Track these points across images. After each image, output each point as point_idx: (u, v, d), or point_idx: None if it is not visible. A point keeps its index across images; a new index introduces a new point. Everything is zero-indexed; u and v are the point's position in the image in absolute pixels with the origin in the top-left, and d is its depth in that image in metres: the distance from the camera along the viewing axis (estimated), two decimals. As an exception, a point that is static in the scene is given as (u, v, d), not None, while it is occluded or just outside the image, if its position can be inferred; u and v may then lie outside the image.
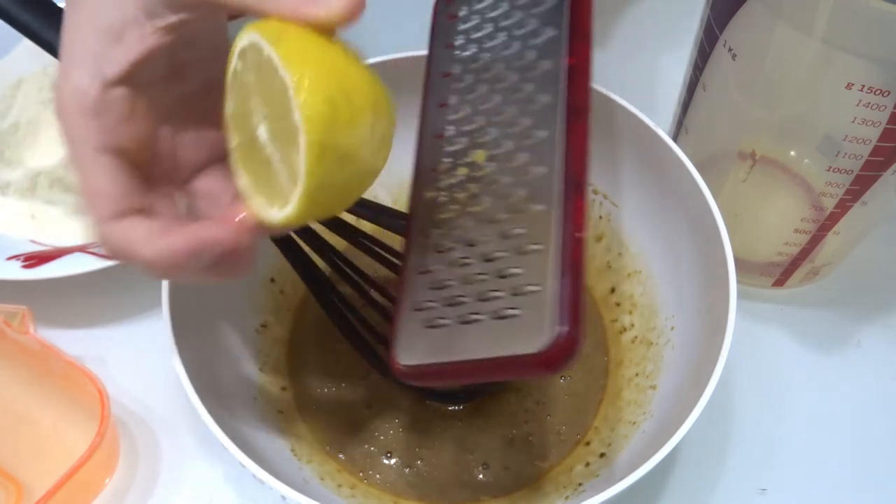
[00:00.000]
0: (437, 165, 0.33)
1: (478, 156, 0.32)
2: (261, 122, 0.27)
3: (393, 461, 0.41)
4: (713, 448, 0.44)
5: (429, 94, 0.35)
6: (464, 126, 0.32)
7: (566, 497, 0.39)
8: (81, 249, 0.47)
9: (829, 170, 0.40)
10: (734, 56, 0.40)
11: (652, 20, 0.62)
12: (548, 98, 0.30)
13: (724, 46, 0.40)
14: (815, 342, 0.48)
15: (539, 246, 0.28)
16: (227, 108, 0.29)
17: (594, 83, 0.41)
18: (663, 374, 0.41)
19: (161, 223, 0.28)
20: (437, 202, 0.32)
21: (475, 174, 0.31)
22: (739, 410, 0.45)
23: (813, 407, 0.46)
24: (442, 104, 0.34)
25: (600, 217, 0.46)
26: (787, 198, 0.46)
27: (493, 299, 0.28)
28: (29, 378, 0.44)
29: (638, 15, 0.63)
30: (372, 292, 0.40)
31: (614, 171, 0.45)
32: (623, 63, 0.59)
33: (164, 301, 0.36)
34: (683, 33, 0.46)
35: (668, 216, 0.42)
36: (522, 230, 0.29)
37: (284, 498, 0.32)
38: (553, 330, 0.26)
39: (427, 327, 0.30)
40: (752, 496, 0.43)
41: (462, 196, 0.31)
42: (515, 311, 0.27)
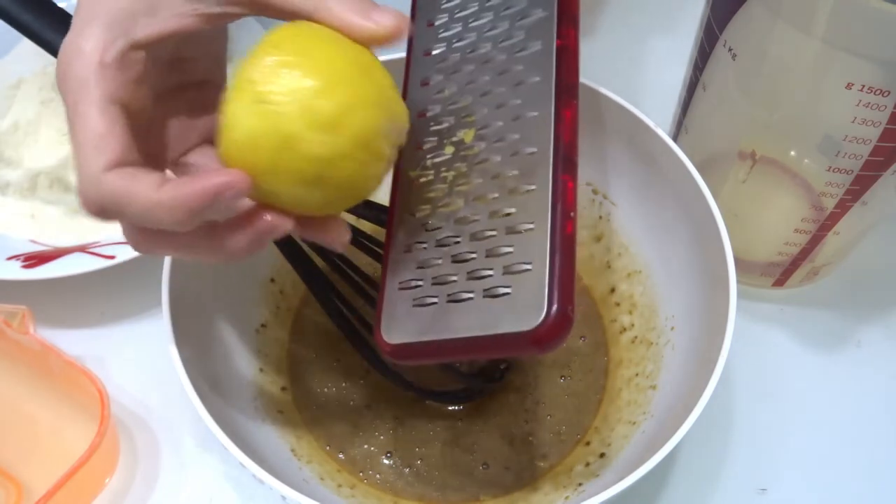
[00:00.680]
0: (422, 144, 0.32)
1: (466, 135, 0.31)
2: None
3: (393, 461, 0.41)
4: (713, 448, 0.44)
5: (410, 72, 0.34)
6: (450, 105, 0.32)
7: (566, 497, 0.39)
8: (81, 249, 0.47)
9: (829, 170, 0.40)
10: (734, 56, 0.40)
11: (652, 20, 0.62)
12: (538, 78, 0.30)
13: (724, 46, 0.40)
14: (815, 342, 0.48)
15: (530, 225, 0.28)
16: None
17: (595, 83, 0.42)
18: (663, 374, 0.41)
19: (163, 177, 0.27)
20: (423, 180, 0.32)
21: (463, 153, 0.31)
22: (739, 410, 0.45)
23: (813, 407, 0.46)
24: (424, 82, 0.34)
25: (600, 217, 0.46)
26: (787, 198, 0.46)
27: (484, 277, 0.28)
28: (29, 378, 0.44)
29: (638, 15, 0.63)
30: (372, 292, 0.40)
31: (614, 171, 0.45)
32: (623, 63, 0.59)
33: (164, 301, 0.36)
34: (683, 33, 0.46)
35: (668, 216, 0.42)
36: (513, 209, 0.29)
37: (284, 498, 0.32)
38: (545, 308, 0.26)
39: (415, 306, 0.30)
40: (752, 496, 0.43)
41: (449, 175, 0.31)
42: (507, 290, 0.27)
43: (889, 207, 0.43)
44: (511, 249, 0.28)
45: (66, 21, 0.36)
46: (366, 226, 0.41)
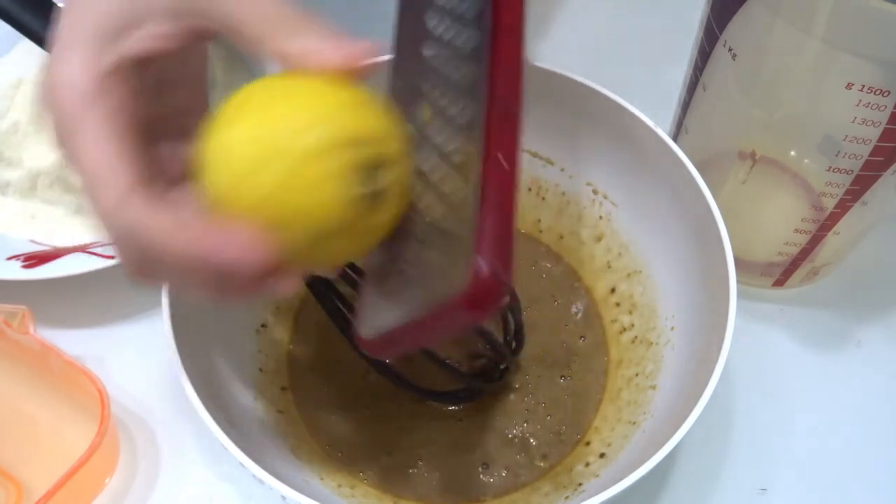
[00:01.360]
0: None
1: (424, 113, 0.30)
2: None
3: (393, 461, 0.41)
4: (713, 448, 0.44)
5: (395, 58, 0.33)
6: (414, 86, 0.31)
7: (566, 497, 0.39)
8: (81, 249, 0.47)
9: (829, 170, 0.40)
10: (734, 56, 0.40)
11: (652, 20, 0.62)
12: (478, 32, 0.28)
13: (724, 46, 0.40)
14: (815, 342, 0.48)
15: (464, 184, 0.25)
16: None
17: (595, 83, 0.42)
18: (663, 374, 0.41)
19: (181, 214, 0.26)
20: None
21: (419, 129, 0.29)
22: (739, 410, 0.45)
23: (813, 407, 0.46)
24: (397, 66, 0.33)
25: (600, 217, 0.46)
26: (787, 198, 0.46)
27: (430, 250, 0.26)
28: (29, 378, 0.44)
29: (638, 15, 0.63)
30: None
31: (614, 171, 0.45)
32: (623, 63, 0.59)
33: (164, 301, 0.36)
34: (683, 33, 0.46)
35: (668, 216, 0.42)
36: (456, 175, 0.26)
37: (284, 498, 0.32)
38: (470, 268, 0.23)
39: (383, 298, 0.28)
40: (752, 496, 0.43)
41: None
42: (443, 258, 0.25)
43: (889, 207, 0.43)
44: (450, 213, 0.26)
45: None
46: None
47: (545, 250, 0.49)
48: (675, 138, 0.48)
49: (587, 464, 0.41)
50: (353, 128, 0.26)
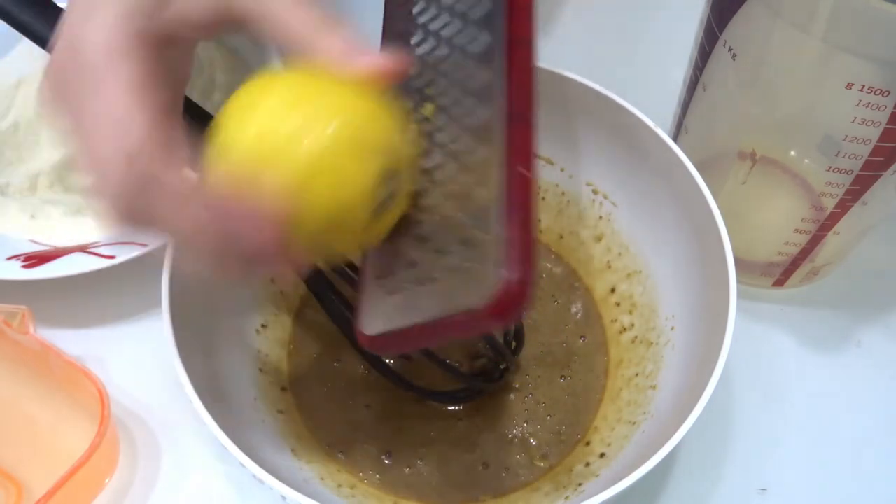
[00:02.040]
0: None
1: (426, 109, 0.30)
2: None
3: (393, 461, 0.41)
4: (713, 448, 0.44)
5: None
6: (414, 82, 0.31)
7: (566, 497, 0.39)
8: (81, 249, 0.47)
9: (829, 170, 0.40)
10: (734, 56, 0.40)
11: (652, 20, 0.62)
12: (488, 36, 0.28)
13: (724, 46, 0.40)
14: (815, 342, 0.48)
15: (484, 191, 0.26)
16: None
17: (595, 83, 0.42)
18: (663, 374, 0.41)
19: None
20: None
21: (426, 129, 0.30)
22: (739, 410, 0.45)
23: (813, 407, 0.46)
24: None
25: (600, 217, 0.46)
26: (787, 198, 0.46)
27: (447, 254, 0.27)
28: (29, 378, 0.44)
29: (637, 15, 0.63)
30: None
31: (614, 171, 0.45)
32: (623, 62, 0.59)
33: (164, 301, 0.36)
34: (683, 33, 0.46)
35: (669, 216, 0.42)
36: (470, 178, 0.27)
37: (284, 498, 0.32)
38: (498, 277, 0.24)
39: (388, 294, 0.29)
40: (752, 496, 0.43)
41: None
42: (466, 264, 0.25)
43: (889, 207, 0.43)
44: (468, 220, 0.26)
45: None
46: None
47: (545, 250, 0.49)
48: (675, 138, 0.48)
49: (587, 464, 0.41)
50: (382, 134, 0.27)
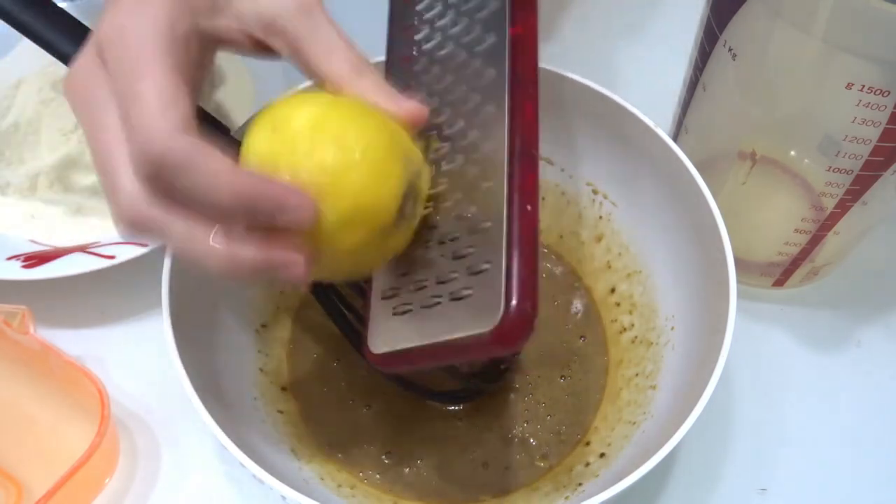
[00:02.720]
0: None
1: (433, 141, 0.31)
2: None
3: (393, 461, 0.41)
4: (713, 448, 0.44)
5: (389, 80, 0.34)
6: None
7: (566, 497, 0.39)
8: (81, 249, 0.47)
9: (829, 170, 0.40)
10: (734, 56, 0.40)
11: (652, 20, 0.62)
12: (493, 71, 0.29)
13: (724, 46, 0.40)
14: (815, 342, 0.48)
15: (489, 222, 0.27)
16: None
17: (595, 83, 0.42)
18: (663, 374, 0.41)
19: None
20: None
21: (431, 157, 0.31)
22: (739, 410, 0.45)
23: (813, 407, 0.46)
24: (402, 90, 0.33)
25: (600, 217, 0.46)
26: (787, 198, 0.46)
27: (451, 281, 0.28)
28: (29, 378, 0.44)
29: (638, 15, 0.63)
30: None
31: (614, 171, 0.45)
32: (623, 62, 0.59)
33: (164, 301, 0.36)
34: (683, 33, 0.46)
35: (668, 216, 0.42)
36: (475, 208, 0.28)
37: (284, 498, 0.32)
38: (502, 307, 0.25)
39: (395, 314, 0.30)
40: (752, 496, 0.43)
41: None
42: (469, 291, 0.27)
43: (889, 207, 0.43)
44: (472, 250, 0.28)
45: (67, 21, 0.36)
46: None
47: (545, 250, 0.49)
48: (675, 138, 0.48)
49: (587, 464, 0.41)
50: (405, 153, 0.28)
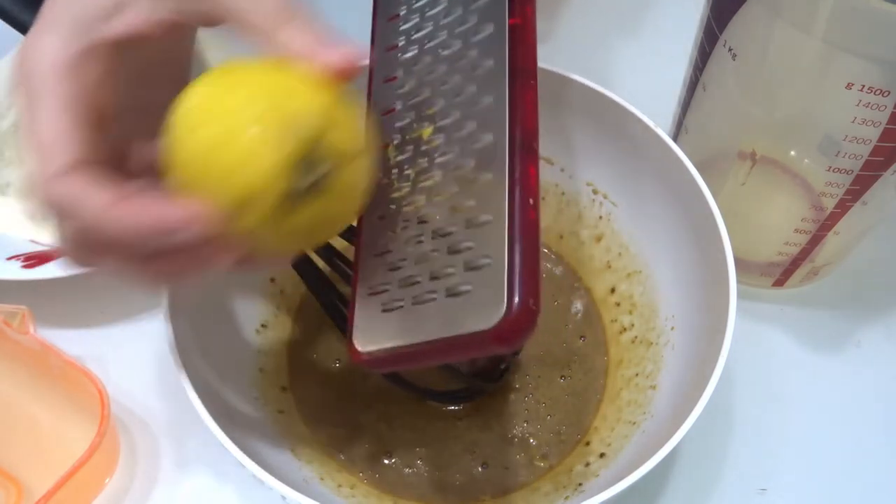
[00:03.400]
0: (387, 142, 0.32)
1: (425, 130, 0.30)
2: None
3: (393, 461, 0.41)
4: (713, 448, 0.44)
5: (374, 70, 0.34)
6: (410, 99, 0.31)
7: (566, 497, 0.39)
8: (81, 249, 0.47)
9: (829, 170, 0.40)
10: (734, 56, 0.40)
11: (652, 20, 0.62)
12: (491, 62, 0.29)
13: (724, 46, 0.40)
14: (815, 342, 0.48)
15: (488, 217, 0.27)
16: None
17: (595, 83, 0.42)
18: (663, 374, 0.41)
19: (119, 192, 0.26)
20: (386, 182, 0.31)
21: (423, 148, 0.30)
22: (739, 410, 0.45)
23: (813, 407, 0.46)
24: (388, 79, 0.33)
25: (600, 217, 0.46)
26: (787, 198, 0.46)
27: (446, 276, 0.27)
28: (29, 378, 0.44)
29: (638, 15, 0.63)
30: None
31: (614, 171, 0.45)
32: (623, 62, 0.59)
33: (165, 301, 0.36)
34: (683, 33, 0.46)
35: (668, 216, 0.42)
36: (472, 202, 0.27)
37: (284, 498, 0.32)
38: (505, 303, 0.24)
39: (383, 311, 0.29)
40: (752, 496, 0.43)
41: (411, 172, 0.30)
42: (468, 287, 0.26)
43: (889, 207, 0.43)
44: (471, 244, 0.27)
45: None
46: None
47: (545, 251, 0.49)
48: (675, 138, 0.48)
49: (587, 464, 0.41)
50: (299, 112, 0.27)
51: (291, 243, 0.30)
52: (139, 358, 0.46)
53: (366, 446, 0.42)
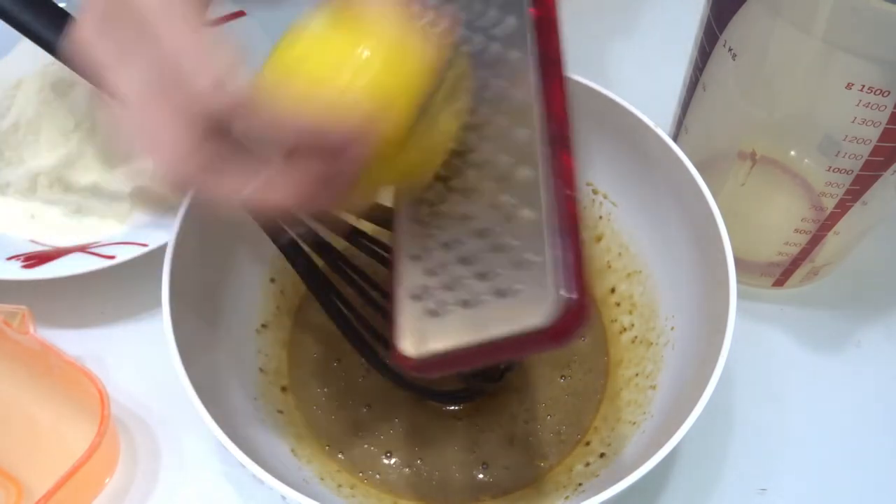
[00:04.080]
0: None
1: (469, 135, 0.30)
2: None
3: (393, 461, 0.41)
4: (713, 448, 0.44)
5: None
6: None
7: (566, 497, 0.39)
8: (81, 249, 0.47)
9: (829, 170, 0.40)
10: (734, 56, 0.40)
11: (652, 20, 0.62)
12: (516, 54, 0.29)
13: (724, 46, 0.40)
14: (815, 342, 0.48)
15: (530, 212, 0.26)
16: None
17: (595, 83, 0.42)
18: (663, 374, 0.41)
19: None
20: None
21: (455, 148, 0.30)
22: (739, 410, 0.45)
23: (813, 407, 0.46)
24: None
25: (600, 217, 0.46)
26: (787, 198, 0.46)
27: (494, 276, 0.27)
28: (29, 378, 0.44)
29: (638, 15, 0.63)
30: (372, 292, 0.40)
31: (614, 171, 0.45)
32: (622, 62, 0.59)
33: (165, 301, 0.36)
34: (683, 33, 0.46)
35: (669, 216, 0.42)
36: (512, 198, 0.27)
37: (284, 498, 0.32)
38: (560, 299, 0.24)
39: (429, 315, 0.28)
40: (752, 496, 0.43)
41: (444, 173, 0.30)
42: (518, 286, 0.26)
43: (889, 207, 0.43)
44: (516, 242, 0.27)
45: (67, 21, 0.36)
46: (366, 226, 0.41)
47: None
48: (675, 138, 0.48)
49: (587, 464, 0.41)
50: (422, 44, 0.27)
51: (399, 172, 0.29)
52: (139, 358, 0.46)
53: (366, 446, 0.42)
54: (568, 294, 0.25)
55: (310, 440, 0.42)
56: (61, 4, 0.37)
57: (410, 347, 0.29)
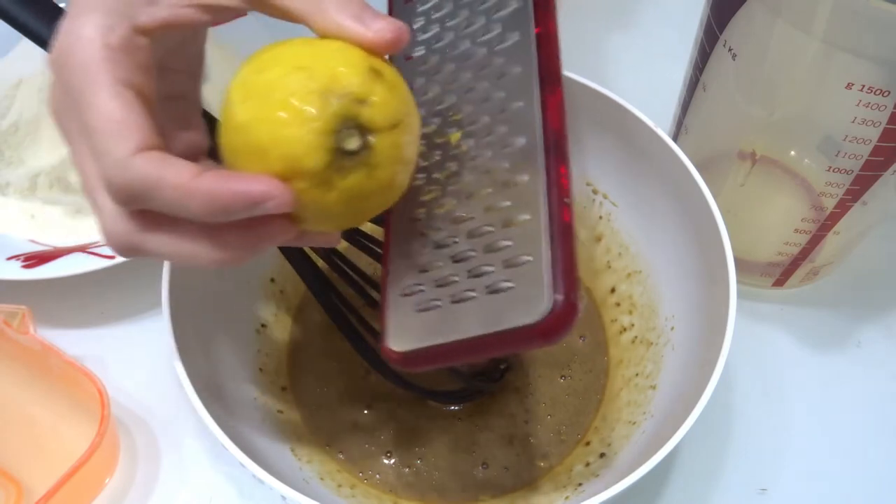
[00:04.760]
0: None
1: (452, 135, 0.31)
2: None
3: (393, 461, 0.42)
4: (713, 448, 0.44)
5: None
6: (435, 106, 0.32)
7: (566, 497, 0.39)
8: (81, 249, 0.47)
9: (829, 170, 0.40)
10: (734, 56, 0.40)
11: (652, 20, 0.62)
12: (519, 69, 0.30)
13: (724, 46, 0.40)
14: (815, 342, 0.48)
15: (526, 216, 0.27)
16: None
17: (595, 83, 0.42)
18: (663, 374, 0.41)
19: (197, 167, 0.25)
20: (415, 185, 0.32)
21: (452, 153, 0.31)
22: (739, 410, 0.45)
23: (813, 407, 0.46)
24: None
25: (600, 217, 0.46)
26: (787, 198, 0.46)
27: (485, 274, 0.28)
28: (29, 378, 0.44)
29: (638, 15, 0.63)
30: (372, 292, 0.40)
31: (614, 171, 0.45)
32: (622, 62, 0.59)
33: (164, 301, 0.36)
34: (683, 33, 0.46)
35: (669, 216, 0.42)
36: (508, 202, 0.28)
37: (284, 498, 0.32)
38: (549, 299, 0.25)
39: (418, 311, 0.29)
40: (752, 496, 0.43)
41: (440, 176, 0.31)
42: (509, 284, 0.27)
43: (889, 207, 0.43)
44: (509, 243, 0.28)
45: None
46: (366, 226, 0.41)
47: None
48: (675, 138, 0.48)
49: (587, 464, 0.41)
50: (338, 76, 0.27)
51: (339, 216, 0.29)
52: (139, 358, 0.46)
53: (366, 446, 0.42)
54: (558, 293, 0.25)
55: (310, 440, 0.42)
56: (61, 4, 0.37)
57: (397, 342, 0.29)
